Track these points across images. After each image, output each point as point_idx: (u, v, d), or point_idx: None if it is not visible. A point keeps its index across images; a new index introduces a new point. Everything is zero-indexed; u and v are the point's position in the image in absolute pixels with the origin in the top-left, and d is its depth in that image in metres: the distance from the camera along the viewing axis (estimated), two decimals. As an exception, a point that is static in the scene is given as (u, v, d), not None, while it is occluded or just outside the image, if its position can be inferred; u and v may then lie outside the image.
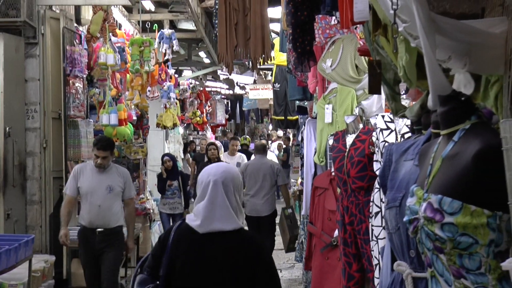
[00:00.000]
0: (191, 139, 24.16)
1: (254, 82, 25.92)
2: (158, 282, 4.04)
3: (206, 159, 14.49)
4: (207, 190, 4.05)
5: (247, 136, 24.24)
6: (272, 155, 18.78)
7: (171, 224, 12.22)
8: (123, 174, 8.79)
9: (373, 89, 4.20)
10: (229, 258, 3.96)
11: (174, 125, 16.56)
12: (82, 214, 8.62)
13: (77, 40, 11.05)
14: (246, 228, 4.23)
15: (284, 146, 25.13)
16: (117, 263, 8.73)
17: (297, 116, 14.22)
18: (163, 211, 13.43)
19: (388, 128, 5.50)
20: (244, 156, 15.22)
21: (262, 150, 12.54)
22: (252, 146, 20.01)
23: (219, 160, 13.30)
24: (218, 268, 3.95)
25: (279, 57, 14.00)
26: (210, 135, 25.61)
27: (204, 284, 3.95)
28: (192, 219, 4.05)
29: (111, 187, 8.51)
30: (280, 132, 27.66)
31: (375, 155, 5.79)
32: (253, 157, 13.49)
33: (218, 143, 16.61)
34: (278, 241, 12.36)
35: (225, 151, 17.78)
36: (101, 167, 8.50)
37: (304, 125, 10.18)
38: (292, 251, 11.24)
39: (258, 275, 3.97)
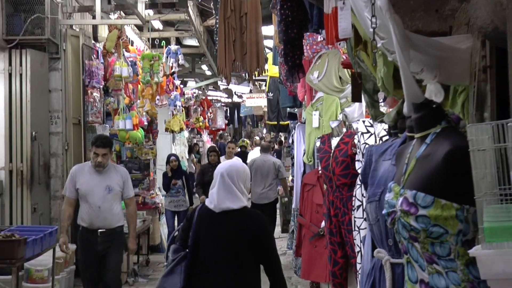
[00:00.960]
0: (195, 141, 24.13)
1: (250, 91, 25.92)
2: (187, 250, 4.75)
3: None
4: (217, 180, 4.76)
5: (245, 139, 24.17)
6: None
7: (175, 221, 12.31)
8: (122, 173, 7.73)
9: (355, 98, 4.21)
10: (238, 228, 4.65)
11: (180, 130, 16.57)
12: (82, 215, 7.50)
13: (94, 55, 11.03)
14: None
15: (276, 148, 25.02)
16: (119, 264, 7.79)
17: (288, 121, 14.20)
18: (168, 208, 12.62)
19: (368, 131, 5.50)
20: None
21: (267, 149, 13.37)
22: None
23: (219, 164, 12.66)
24: (230, 237, 4.64)
25: (272, 70, 13.96)
26: (206, 139, 25.54)
27: (221, 249, 4.64)
28: (208, 202, 4.75)
29: (110, 187, 7.48)
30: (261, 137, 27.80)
31: (357, 155, 5.79)
32: (258, 154, 14.15)
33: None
34: (277, 230, 13.15)
35: (222, 154, 17.76)
36: (101, 165, 7.40)
37: (294, 129, 10.19)
38: (285, 232, 12.55)
39: (259, 239, 4.68)
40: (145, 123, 13.65)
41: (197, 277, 4.72)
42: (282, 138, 24.54)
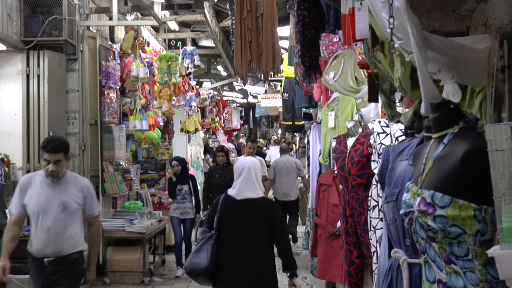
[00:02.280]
0: (210, 142, 24.16)
1: (266, 92, 25.90)
2: (212, 232, 5.69)
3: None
4: (242, 173, 5.74)
5: (261, 139, 24.14)
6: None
7: (181, 229, 11.42)
8: (83, 186, 5.94)
9: (372, 98, 4.19)
10: (256, 214, 5.64)
11: (196, 130, 16.56)
12: (30, 239, 5.87)
13: (111, 56, 11.07)
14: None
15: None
16: None
17: (303, 122, 14.19)
18: (173, 215, 11.54)
19: (384, 132, 5.49)
20: (262, 160, 14.75)
21: (286, 150, 13.98)
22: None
23: (228, 165, 11.76)
24: (250, 221, 5.62)
25: (288, 70, 13.96)
26: (222, 138, 25.55)
27: (242, 231, 5.62)
28: (231, 191, 5.76)
29: (65, 204, 5.76)
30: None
31: (372, 155, 5.78)
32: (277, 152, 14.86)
33: (230, 145, 16.13)
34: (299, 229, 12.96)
35: (238, 154, 17.70)
36: (54, 175, 5.70)
37: (310, 130, 10.18)
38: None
39: (274, 225, 5.69)
40: (161, 123, 13.68)
41: (221, 254, 5.64)
42: (297, 139, 24.53)
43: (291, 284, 5.80)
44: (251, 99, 31.01)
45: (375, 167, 5.58)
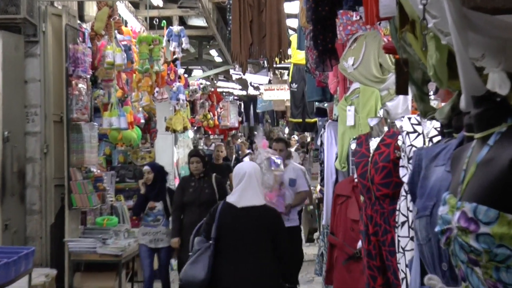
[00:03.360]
0: (201, 144, 24.16)
1: (269, 82, 25.93)
2: (210, 241, 6.49)
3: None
4: (242, 179, 6.62)
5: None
6: None
7: (153, 263, 10.81)
8: None
9: (400, 90, 4.20)
10: (257, 223, 6.53)
11: (184, 129, 16.59)
12: None
13: (80, 38, 11.09)
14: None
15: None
16: None
17: (315, 119, 14.23)
18: (142, 243, 10.69)
19: (415, 131, 5.49)
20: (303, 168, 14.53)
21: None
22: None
23: (206, 175, 10.64)
24: (250, 230, 6.50)
25: (296, 55, 14.01)
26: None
27: (242, 240, 6.48)
28: (231, 198, 6.68)
29: None
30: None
31: (401, 160, 5.78)
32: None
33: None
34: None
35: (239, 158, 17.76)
36: None
37: (324, 128, 10.19)
38: (311, 242, 14.41)
39: (276, 234, 6.64)
40: (142, 120, 13.70)
41: (219, 266, 6.41)
42: (308, 139, 24.55)
43: None
44: (251, 91, 31.06)
45: (404, 174, 5.59)
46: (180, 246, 10.34)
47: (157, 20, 13.85)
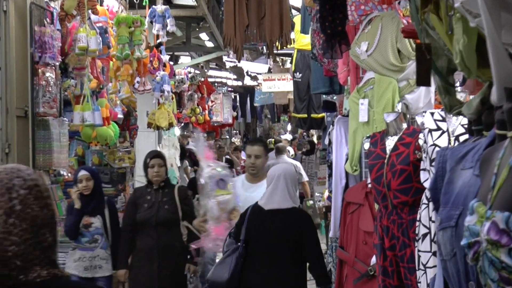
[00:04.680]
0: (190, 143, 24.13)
1: (269, 71, 25.97)
2: (239, 244, 7.53)
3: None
4: (272, 181, 7.60)
5: (272, 140, 24.27)
6: None
7: None
8: None
9: (422, 80, 4.20)
10: (284, 227, 7.48)
11: (170, 125, 16.58)
12: None
13: (48, 19, 11.09)
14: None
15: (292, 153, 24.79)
16: None
17: (323, 114, 14.26)
18: (74, 272, 9.47)
19: (439, 128, 5.51)
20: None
21: (282, 150, 16.04)
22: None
23: (165, 187, 9.60)
24: (276, 234, 7.45)
25: (301, 40, 14.04)
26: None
27: (268, 245, 7.44)
28: (261, 201, 7.65)
29: None
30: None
31: (422, 162, 5.80)
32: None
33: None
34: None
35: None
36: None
37: (333, 125, 10.19)
38: None
39: (306, 237, 7.55)
40: (120, 115, 13.71)
41: (246, 269, 7.38)
42: (315, 137, 24.58)
43: None
44: (248, 81, 31.11)
45: (425, 178, 5.61)
46: (132, 281, 9.44)
47: (138, -2, 13.86)
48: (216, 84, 29.56)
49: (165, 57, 15.18)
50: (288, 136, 29.29)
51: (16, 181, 2.93)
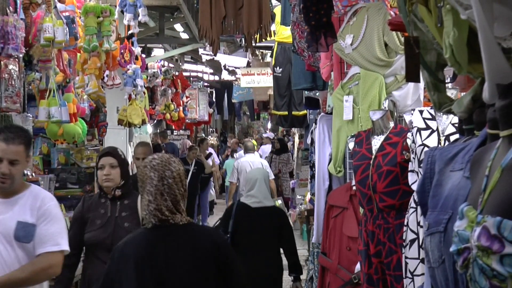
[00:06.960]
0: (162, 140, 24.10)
1: (248, 65, 25.99)
2: (227, 235, 9.24)
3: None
4: (255, 184, 9.57)
5: (250, 140, 24.31)
6: None
7: None
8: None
9: (410, 75, 4.21)
10: (269, 221, 9.45)
11: (142, 122, 16.57)
12: None
13: (11, 8, 11.05)
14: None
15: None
16: None
17: (305, 111, 14.27)
18: None
19: (428, 127, 5.53)
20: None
21: (251, 149, 17.64)
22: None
23: (124, 195, 7.47)
24: (263, 227, 9.39)
25: (281, 32, 14.07)
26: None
27: (255, 237, 9.31)
28: (245, 199, 9.67)
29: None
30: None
31: (410, 163, 5.82)
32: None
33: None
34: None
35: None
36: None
37: (315, 123, 10.23)
38: None
39: (283, 232, 9.61)
40: (87, 112, 13.67)
41: None
42: (296, 137, 24.60)
43: (294, 287, 9.71)
44: (226, 76, 31.11)
45: (414, 181, 5.62)
46: None
47: (108, -14, 13.83)
48: (191, 78, 29.52)
49: (137, 50, 15.17)
50: (270, 135, 29.36)
51: (167, 172, 5.18)
